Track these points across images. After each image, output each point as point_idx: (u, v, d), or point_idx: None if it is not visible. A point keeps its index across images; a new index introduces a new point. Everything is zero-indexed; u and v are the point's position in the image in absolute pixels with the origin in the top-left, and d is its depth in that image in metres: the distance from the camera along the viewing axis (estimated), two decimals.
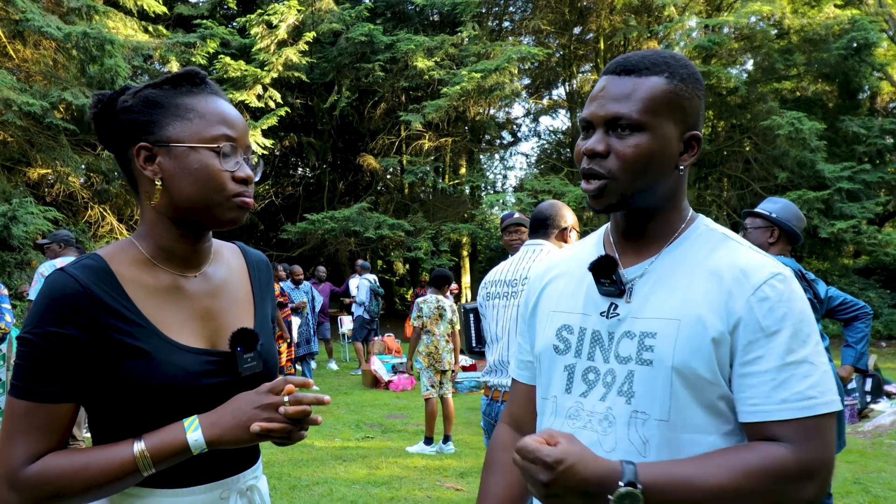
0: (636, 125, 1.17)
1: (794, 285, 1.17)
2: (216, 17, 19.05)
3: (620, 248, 1.31)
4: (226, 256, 1.38)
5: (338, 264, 20.14)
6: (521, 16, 22.13)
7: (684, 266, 1.22)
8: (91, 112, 1.26)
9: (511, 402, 1.51)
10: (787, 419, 1.11)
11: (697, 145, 1.23)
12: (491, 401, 3.08)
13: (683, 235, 1.26)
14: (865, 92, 21.39)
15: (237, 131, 1.25)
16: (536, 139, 28.49)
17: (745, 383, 1.14)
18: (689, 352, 1.15)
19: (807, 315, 1.15)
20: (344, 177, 23.31)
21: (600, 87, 1.23)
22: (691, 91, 1.21)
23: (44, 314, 1.14)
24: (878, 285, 18.01)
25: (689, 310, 1.17)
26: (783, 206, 3.67)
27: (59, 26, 11.60)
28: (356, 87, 19.32)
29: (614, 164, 1.19)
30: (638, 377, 1.19)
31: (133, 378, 1.16)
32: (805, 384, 1.11)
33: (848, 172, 16.80)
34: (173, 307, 1.24)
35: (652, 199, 1.23)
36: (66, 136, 12.79)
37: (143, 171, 1.23)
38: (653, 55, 1.23)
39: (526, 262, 3.11)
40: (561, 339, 1.32)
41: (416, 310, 6.78)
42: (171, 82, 1.25)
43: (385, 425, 7.68)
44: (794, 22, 17.97)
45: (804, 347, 1.13)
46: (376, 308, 11.69)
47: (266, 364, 1.31)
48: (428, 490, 5.22)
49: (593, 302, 1.29)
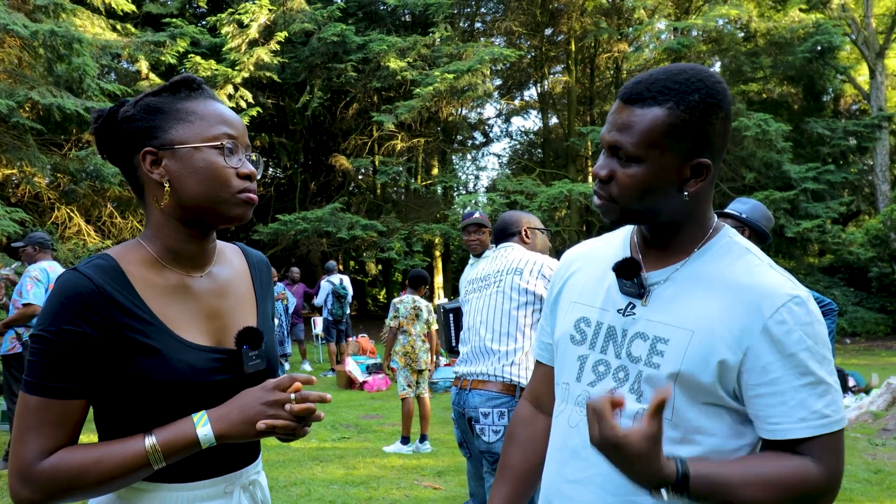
0: (633, 157, 1.22)
1: (812, 306, 1.21)
2: (186, 15, 18.85)
3: (644, 252, 1.36)
4: (229, 257, 1.41)
5: (310, 265, 20.05)
6: (493, 17, 22.26)
7: (704, 278, 1.27)
8: (92, 127, 1.29)
9: (532, 380, 1.60)
10: (806, 437, 1.18)
11: (707, 171, 1.23)
12: (460, 390, 3.13)
13: (706, 247, 1.30)
14: (829, 94, 21.90)
15: (237, 130, 1.29)
16: (508, 140, 28.68)
17: (764, 403, 1.19)
18: (696, 362, 1.20)
19: (822, 337, 1.20)
20: (316, 177, 23.22)
21: (613, 109, 1.27)
22: (699, 118, 1.20)
23: (58, 312, 1.16)
24: (843, 283, 18.42)
25: (703, 322, 1.22)
26: (752, 206, 3.76)
27: (26, 24, 11.39)
28: (328, 87, 19.27)
29: (614, 189, 1.25)
30: (646, 378, 1.25)
31: (144, 375, 1.18)
32: (821, 403, 1.18)
33: (813, 173, 17.18)
34: (181, 306, 1.27)
35: (661, 218, 1.28)
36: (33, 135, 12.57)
37: (150, 174, 1.25)
38: (664, 80, 1.21)
39: (500, 261, 3.22)
40: (578, 330, 1.38)
41: (392, 310, 6.80)
42: (170, 89, 1.28)
43: (361, 426, 7.68)
44: (761, 25, 18.31)
45: (820, 368, 1.19)
46: (339, 310, 11.60)
47: (269, 362, 1.34)
48: (406, 489, 5.24)
49: (612, 299, 1.35)
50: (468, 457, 3.30)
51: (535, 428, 1.55)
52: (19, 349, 5.68)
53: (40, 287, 5.66)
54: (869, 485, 5.15)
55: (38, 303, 5.62)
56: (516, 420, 1.58)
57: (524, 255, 3.14)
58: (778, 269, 1.27)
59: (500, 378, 2.96)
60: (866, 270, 17.78)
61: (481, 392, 2.99)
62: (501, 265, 3.18)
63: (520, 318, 3.03)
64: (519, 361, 2.98)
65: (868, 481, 5.23)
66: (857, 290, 18.22)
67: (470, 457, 3.28)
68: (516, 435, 1.56)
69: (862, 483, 5.18)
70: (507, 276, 3.10)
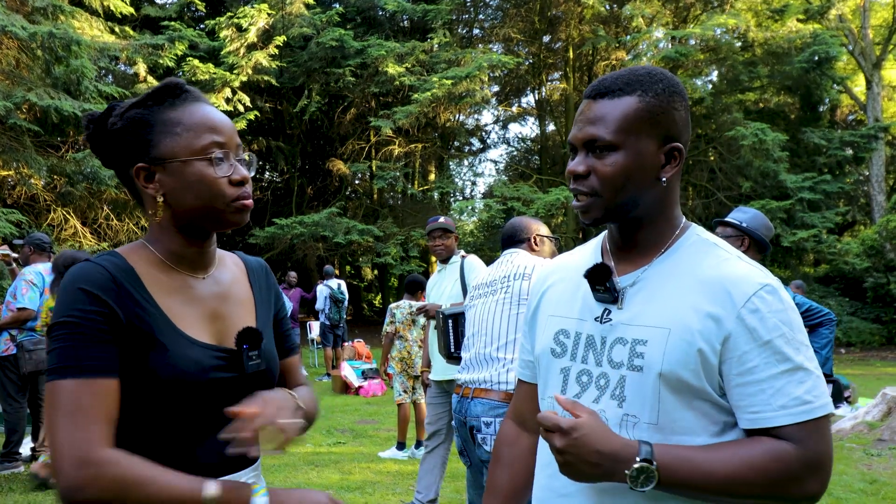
0: (610, 145, 1.24)
1: (783, 294, 1.22)
2: (184, 19, 18.84)
3: (616, 256, 1.36)
4: (228, 263, 1.43)
5: (306, 269, 20.02)
6: (492, 24, 22.33)
7: (675, 275, 1.27)
8: (85, 134, 1.31)
9: (515, 399, 1.60)
10: (787, 424, 1.17)
11: (679, 156, 1.28)
12: (461, 398, 3.09)
13: (675, 245, 1.31)
14: (826, 104, 21.98)
15: (225, 135, 1.29)
16: (506, 146, 28.71)
17: (744, 392, 1.19)
18: (677, 360, 1.20)
19: (796, 323, 1.21)
20: (313, 182, 23.21)
21: (580, 110, 1.31)
22: (666, 104, 1.26)
23: (79, 298, 1.16)
24: (838, 293, 18.45)
25: (678, 319, 1.22)
26: (753, 215, 3.75)
27: (24, 26, 11.37)
28: (326, 91, 19.28)
29: (595, 182, 1.26)
30: (629, 382, 1.24)
31: (149, 369, 1.19)
32: (801, 390, 1.17)
33: (809, 183, 17.23)
34: (186, 305, 1.28)
35: (638, 211, 1.29)
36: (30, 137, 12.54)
37: (145, 189, 1.27)
38: (627, 75, 1.28)
39: (507, 266, 3.16)
40: (558, 343, 1.38)
41: (388, 315, 6.78)
42: (154, 98, 1.28)
43: (356, 430, 7.66)
44: (759, 35, 18.39)
45: (797, 354, 1.18)
46: (336, 314, 11.62)
47: (268, 363, 1.35)
48: (401, 495, 5.22)
49: (589, 307, 1.35)
50: (468, 465, 3.26)
51: (521, 447, 1.55)
52: (13, 351, 5.65)
53: (35, 291, 5.64)
54: (864, 495, 5.15)
55: (32, 307, 5.59)
56: (501, 440, 1.59)
57: (531, 261, 3.10)
58: (747, 260, 1.27)
59: (503, 386, 2.93)
60: (861, 281, 17.82)
61: (483, 401, 2.95)
62: (508, 270, 3.12)
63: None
64: None
65: (864, 491, 5.23)
66: (853, 300, 18.25)
67: (470, 465, 3.25)
68: (502, 455, 1.57)
69: (857, 493, 5.18)
70: (514, 281, 3.05)
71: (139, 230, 15.41)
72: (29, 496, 4.97)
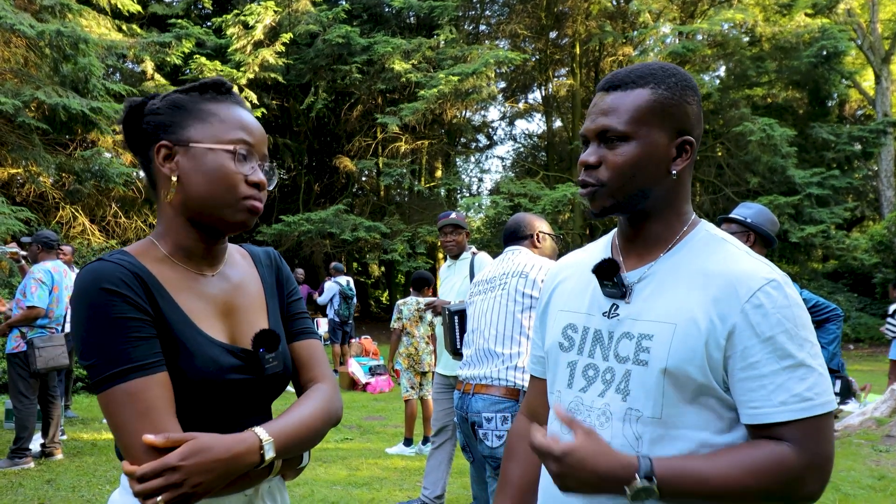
0: (623, 136, 1.26)
1: (789, 290, 1.21)
2: (191, 16, 18.91)
3: (625, 251, 1.37)
4: (237, 259, 1.42)
5: (313, 266, 20.06)
6: (498, 20, 22.26)
7: (683, 271, 1.28)
8: (121, 117, 1.32)
9: (528, 394, 1.61)
10: (786, 421, 1.16)
11: (691, 149, 1.29)
12: (462, 394, 3.10)
13: (684, 240, 1.31)
14: (834, 99, 21.85)
15: (255, 138, 1.30)
16: (512, 143, 28.62)
17: (745, 387, 1.19)
18: (683, 355, 1.20)
19: (802, 319, 1.20)
20: (320, 179, 23.23)
21: (593, 103, 1.32)
22: (679, 97, 1.27)
23: (106, 298, 1.15)
24: (846, 289, 18.37)
25: (685, 314, 1.22)
26: (757, 210, 3.74)
27: (32, 24, 11.42)
28: (333, 88, 19.28)
29: (604, 172, 1.28)
30: (634, 376, 1.25)
31: (179, 368, 1.19)
32: (802, 386, 1.17)
33: (817, 178, 17.14)
34: (198, 302, 1.28)
35: (647, 203, 1.30)
36: (38, 135, 12.60)
37: (161, 167, 1.27)
38: (640, 69, 1.29)
39: (507, 263, 3.18)
40: (566, 337, 1.39)
41: (396, 312, 6.80)
42: (199, 89, 1.30)
43: (364, 427, 7.69)
44: (766, 30, 18.29)
45: (800, 351, 1.18)
46: (346, 311, 11.69)
47: (284, 363, 1.35)
48: (409, 491, 5.24)
49: (597, 302, 1.36)
50: (471, 461, 3.28)
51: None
52: (23, 348, 5.70)
53: (44, 289, 5.69)
54: (873, 491, 5.14)
55: (41, 305, 5.64)
56: (514, 434, 1.61)
57: (531, 260, 3.12)
58: (755, 256, 1.27)
59: (503, 382, 2.94)
60: (870, 276, 17.73)
61: (484, 396, 2.96)
62: (508, 268, 3.14)
63: (523, 322, 3.00)
64: (522, 365, 2.95)
65: (872, 487, 5.21)
66: (861, 295, 18.17)
67: (473, 461, 3.27)
68: (514, 449, 1.58)
69: (865, 489, 5.17)
70: (512, 278, 3.07)
71: (147, 228, 15.48)
72: (38, 492, 5.00)
